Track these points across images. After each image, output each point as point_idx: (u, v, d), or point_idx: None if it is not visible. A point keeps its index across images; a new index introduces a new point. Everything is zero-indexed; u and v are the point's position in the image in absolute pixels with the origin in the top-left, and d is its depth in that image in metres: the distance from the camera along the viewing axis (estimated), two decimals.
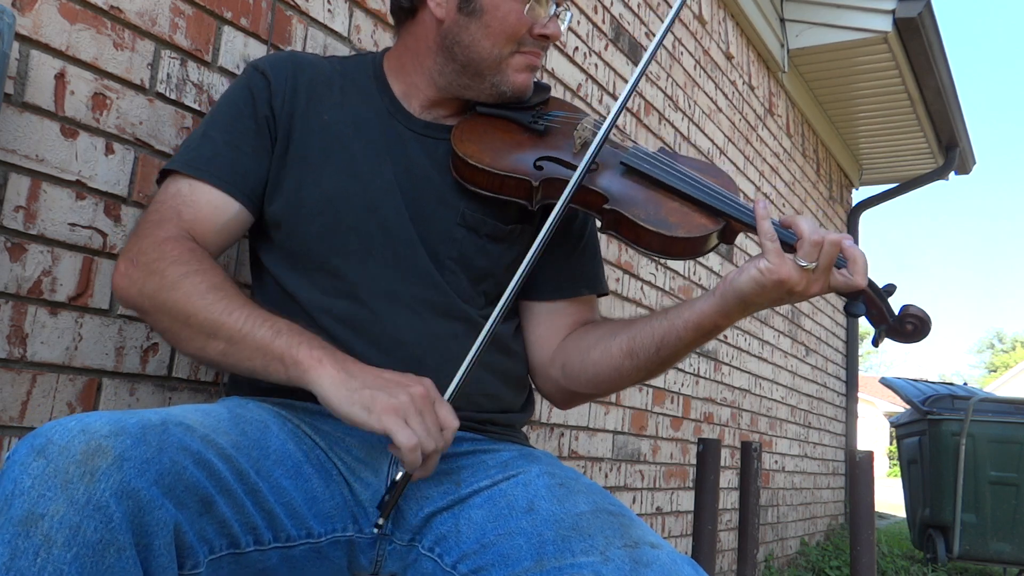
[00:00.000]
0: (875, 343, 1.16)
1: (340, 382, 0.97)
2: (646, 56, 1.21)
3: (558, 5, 1.25)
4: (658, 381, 3.25)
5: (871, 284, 1.12)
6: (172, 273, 1.06)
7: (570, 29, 2.67)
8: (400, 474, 1.01)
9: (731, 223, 1.17)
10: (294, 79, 1.24)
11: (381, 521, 1.02)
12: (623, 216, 1.17)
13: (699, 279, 3.66)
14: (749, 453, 2.16)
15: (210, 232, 1.16)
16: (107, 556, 0.77)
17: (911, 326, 1.12)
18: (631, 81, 1.22)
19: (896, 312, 1.13)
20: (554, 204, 1.18)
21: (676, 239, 1.16)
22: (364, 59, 1.35)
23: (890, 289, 1.13)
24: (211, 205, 1.16)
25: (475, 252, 1.24)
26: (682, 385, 3.48)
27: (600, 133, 1.18)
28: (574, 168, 1.21)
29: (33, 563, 0.74)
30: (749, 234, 1.15)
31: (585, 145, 1.24)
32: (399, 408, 0.96)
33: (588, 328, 1.31)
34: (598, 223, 1.24)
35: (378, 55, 1.35)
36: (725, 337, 3.99)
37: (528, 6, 1.21)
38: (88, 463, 0.79)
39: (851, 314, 1.13)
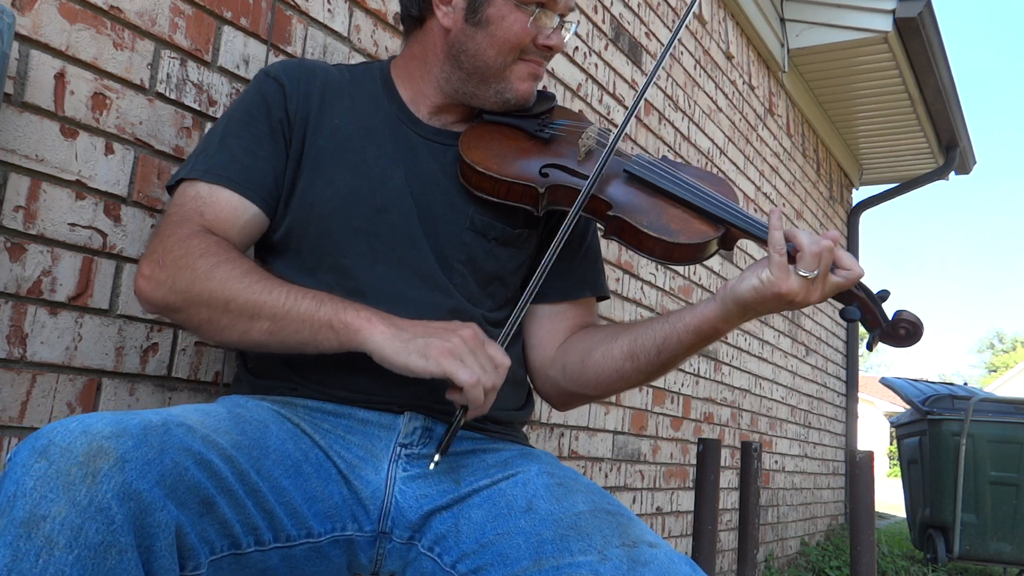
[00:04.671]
0: (869, 348, 1.19)
1: (392, 335, 1.01)
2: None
3: (562, 16, 1.27)
4: (658, 381, 3.25)
5: (866, 290, 1.15)
6: (203, 264, 1.06)
7: None
8: (458, 412, 1.04)
9: (731, 230, 1.19)
10: (307, 84, 1.26)
11: (438, 458, 1.05)
12: (626, 223, 1.20)
13: (699, 279, 3.66)
14: (749, 453, 2.16)
15: (232, 232, 1.16)
16: (109, 558, 0.77)
17: (904, 330, 1.16)
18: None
19: (890, 317, 1.16)
20: (559, 210, 1.22)
21: (677, 245, 1.18)
22: (371, 66, 1.37)
23: (884, 295, 1.16)
24: (231, 206, 1.17)
25: (483, 256, 1.26)
26: (682, 385, 3.48)
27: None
28: (579, 175, 1.23)
29: (35, 565, 0.74)
30: (749, 240, 1.17)
31: (589, 153, 1.27)
32: (454, 350, 0.99)
33: (589, 331, 1.32)
34: (601, 228, 1.25)
35: (385, 63, 1.37)
36: (725, 337, 3.99)
37: (533, 17, 1.23)
38: (90, 464, 0.79)
39: (847, 319, 1.16)
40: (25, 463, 0.79)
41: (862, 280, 1.15)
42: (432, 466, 1.06)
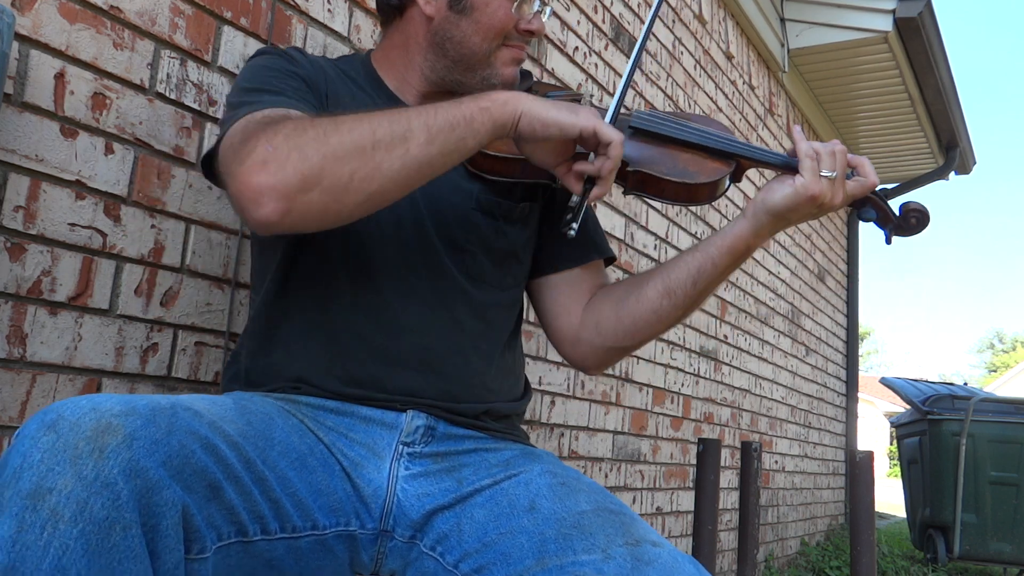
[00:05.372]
0: (888, 241, 1.29)
1: (539, 99, 1.07)
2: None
3: (542, 1, 1.28)
4: (658, 381, 3.25)
5: (874, 191, 1.25)
6: (321, 125, 0.98)
7: (570, 29, 2.67)
8: (581, 192, 1.12)
9: (741, 162, 1.27)
10: (314, 66, 1.26)
11: (575, 225, 1.12)
12: (647, 175, 1.23)
13: None
14: (749, 453, 2.16)
15: None
16: (113, 533, 0.77)
17: (915, 219, 1.25)
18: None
19: (898, 211, 1.26)
20: None
21: (699, 185, 1.24)
22: (353, 59, 1.37)
23: (885, 193, 1.26)
24: None
25: (494, 235, 1.27)
26: (682, 385, 3.48)
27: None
28: None
29: (39, 537, 0.74)
30: (758, 169, 1.27)
31: None
32: (597, 114, 1.08)
33: (612, 287, 1.36)
34: (621, 187, 1.28)
35: (364, 55, 1.37)
36: (725, 337, 3.99)
37: (516, 3, 1.24)
38: (98, 440, 0.79)
39: (863, 219, 1.27)
40: (33, 436, 0.79)
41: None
42: (572, 232, 1.12)
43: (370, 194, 0.99)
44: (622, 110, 1.29)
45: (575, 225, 1.11)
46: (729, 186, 1.28)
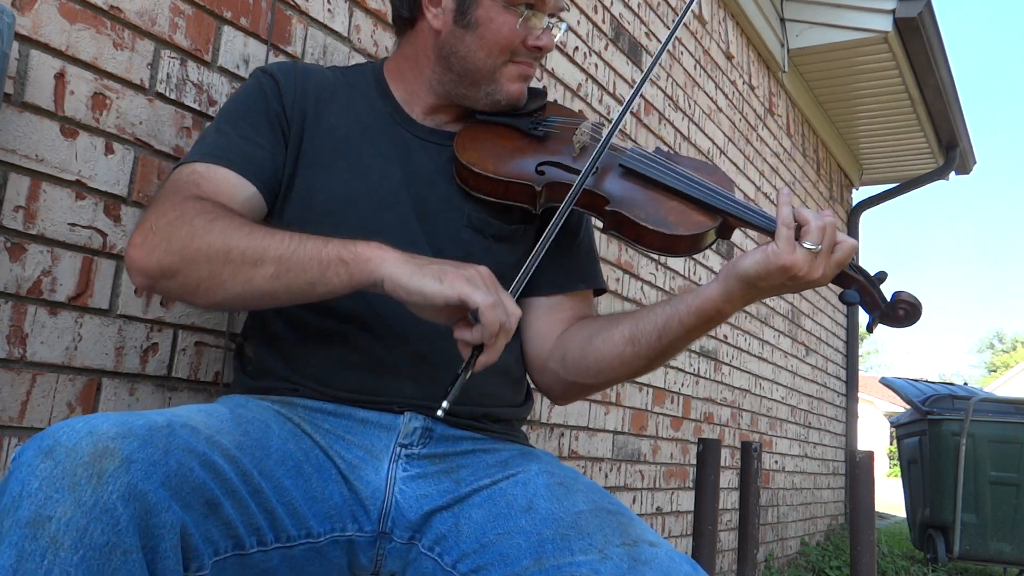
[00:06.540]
0: (869, 329, 1.20)
1: (406, 261, 0.98)
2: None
3: (551, 17, 1.27)
4: (658, 381, 3.25)
5: (863, 272, 1.16)
6: (199, 221, 1.03)
7: (570, 29, 2.67)
8: (471, 353, 0.97)
9: (728, 219, 1.20)
10: (302, 83, 1.26)
11: (446, 404, 0.95)
12: (625, 217, 1.20)
13: (699, 279, 3.66)
14: (749, 453, 2.16)
15: (231, 204, 1.12)
16: (113, 559, 0.77)
17: (903, 311, 1.16)
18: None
19: (888, 298, 1.16)
20: (557, 207, 1.20)
21: (677, 237, 1.18)
22: (364, 68, 1.37)
23: (881, 276, 1.16)
24: (229, 183, 1.14)
25: (481, 252, 1.26)
26: (682, 385, 3.48)
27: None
28: (574, 171, 1.24)
29: (40, 565, 0.74)
30: (746, 230, 1.17)
31: (584, 149, 1.27)
32: (470, 277, 0.96)
33: (589, 320, 1.32)
34: (600, 224, 1.25)
35: (377, 64, 1.38)
36: (725, 337, 3.99)
37: (522, 19, 1.23)
38: (95, 465, 0.79)
39: (846, 302, 1.16)
40: (31, 463, 0.79)
41: (860, 264, 1.17)
42: (440, 413, 0.96)
43: (215, 303, 1.06)
44: (613, 140, 1.26)
45: (445, 404, 0.95)
46: (715, 241, 1.21)
